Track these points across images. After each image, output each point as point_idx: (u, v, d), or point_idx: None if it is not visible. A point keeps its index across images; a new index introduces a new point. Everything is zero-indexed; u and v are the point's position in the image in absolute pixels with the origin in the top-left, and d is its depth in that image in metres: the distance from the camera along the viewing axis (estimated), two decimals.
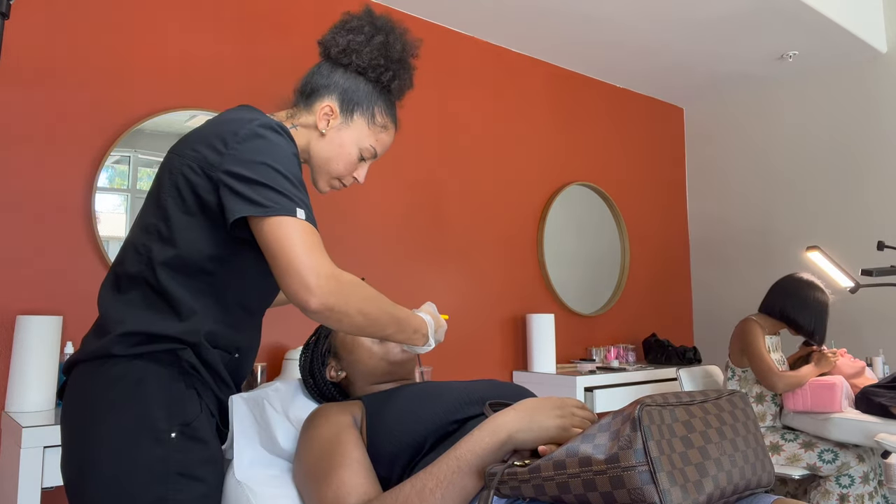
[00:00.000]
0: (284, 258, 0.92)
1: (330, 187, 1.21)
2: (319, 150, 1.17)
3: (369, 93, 1.20)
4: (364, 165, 1.21)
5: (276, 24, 2.37)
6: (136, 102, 2.04)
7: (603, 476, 0.77)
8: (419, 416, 1.08)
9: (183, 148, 1.04)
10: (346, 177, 1.20)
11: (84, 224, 1.92)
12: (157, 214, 1.04)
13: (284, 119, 1.21)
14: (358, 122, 1.18)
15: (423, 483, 0.92)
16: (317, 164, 1.18)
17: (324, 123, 1.16)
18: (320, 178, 1.20)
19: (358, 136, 1.18)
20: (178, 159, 1.03)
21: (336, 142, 1.17)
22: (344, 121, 1.17)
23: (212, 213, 1.00)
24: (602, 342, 3.26)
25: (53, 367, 1.71)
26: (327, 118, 1.17)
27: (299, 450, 1.12)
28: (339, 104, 1.17)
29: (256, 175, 0.96)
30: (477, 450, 0.94)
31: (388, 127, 1.21)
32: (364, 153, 1.19)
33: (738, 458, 0.86)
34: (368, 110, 1.19)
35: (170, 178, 1.03)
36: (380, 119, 1.20)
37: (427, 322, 1.16)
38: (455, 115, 2.86)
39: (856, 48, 3.07)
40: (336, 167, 1.18)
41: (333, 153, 1.17)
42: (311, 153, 1.18)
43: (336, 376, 1.33)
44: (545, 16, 2.77)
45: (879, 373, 2.68)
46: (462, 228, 2.82)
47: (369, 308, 0.99)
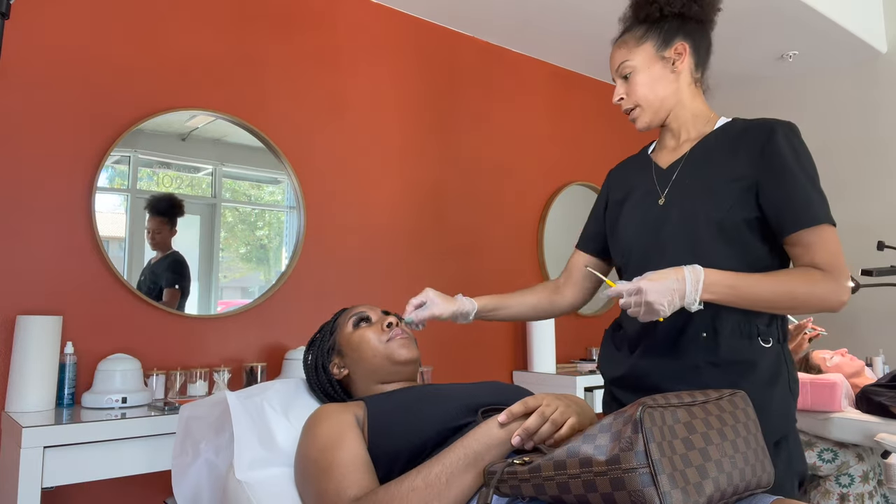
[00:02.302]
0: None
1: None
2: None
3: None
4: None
5: (276, 24, 2.37)
6: (136, 102, 2.04)
7: (603, 477, 0.77)
8: (420, 419, 1.08)
9: None
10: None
11: (84, 224, 1.92)
12: None
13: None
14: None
15: (429, 470, 0.94)
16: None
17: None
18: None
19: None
20: None
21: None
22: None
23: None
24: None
25: (53, 367, 1.71)
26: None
27: (301, 446, 1.12)
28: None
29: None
30: (485, 440, 0.95)
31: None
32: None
33: (739, 459, 0.86)
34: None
35: None
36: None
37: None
38: (455, 114, 2.86)
39: (856, 48, 3.07)
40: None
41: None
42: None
43: (339, 373, 1.34)
44: (545, 15, 2.76)
45: (879, 372, 2.68)
46: (462, 228, 2.82)
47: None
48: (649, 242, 1.27)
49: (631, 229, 1.32)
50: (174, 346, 2.03)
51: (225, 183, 2.22)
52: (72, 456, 1.48)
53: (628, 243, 1.32)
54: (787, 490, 1.18)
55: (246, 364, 2.06)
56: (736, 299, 1.12)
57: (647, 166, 1.37)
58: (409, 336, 1.33)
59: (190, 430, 1.31)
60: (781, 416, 1.19)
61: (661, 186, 1.30)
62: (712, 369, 1.18)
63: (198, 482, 1.25)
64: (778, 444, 1.19)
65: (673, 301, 1.08)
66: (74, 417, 1.58)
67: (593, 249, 1.50)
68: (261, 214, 2.30)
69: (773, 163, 1.18)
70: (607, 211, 1.45)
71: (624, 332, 1.32)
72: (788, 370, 1.22)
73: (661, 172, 1.32)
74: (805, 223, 1.14)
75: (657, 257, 1.23)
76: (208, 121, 2.18)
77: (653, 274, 1.10)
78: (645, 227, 1.29)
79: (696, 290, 1.09)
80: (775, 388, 1.19)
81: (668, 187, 1.28)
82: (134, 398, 1.73)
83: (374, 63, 2.62)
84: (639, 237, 1.30)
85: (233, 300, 2.21)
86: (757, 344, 1.19)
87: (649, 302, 1.07)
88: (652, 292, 1.07)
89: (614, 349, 1.35)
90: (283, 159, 2.30)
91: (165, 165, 2.09)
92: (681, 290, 1.08)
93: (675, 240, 1.22)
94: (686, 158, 1.29)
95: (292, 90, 2.38)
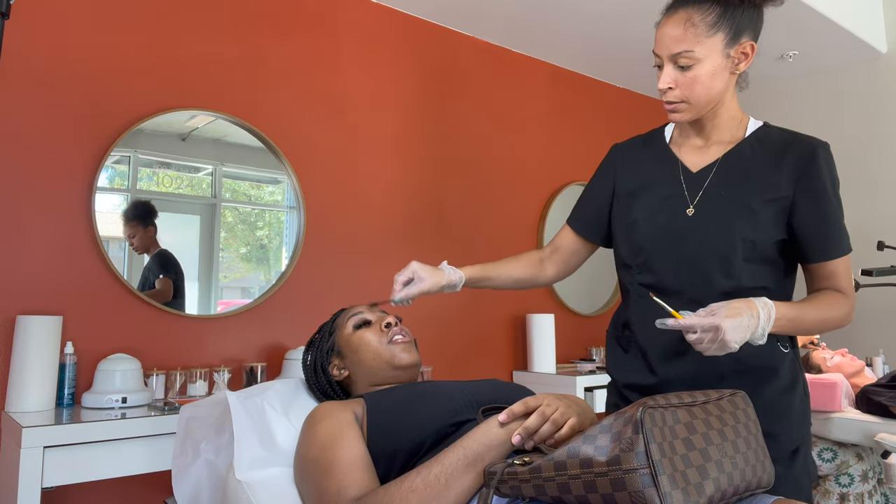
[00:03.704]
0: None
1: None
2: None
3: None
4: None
5: (276, 24, 2.37)
6: (136, 102, 2.04)
7: (604, 478, 0.77)
8: (419, 416, 1.08)
9: None
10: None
11: (84, 224, 1.92)
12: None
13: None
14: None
15: (428, 470, 0.93)
16: None
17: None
18: None
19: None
20: None
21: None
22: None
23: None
24: (602, 342, 3.25)
25: (53, 367, 1.71)
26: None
27: (301, 445, 1.12)
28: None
29: None
30: (485, 441, 0.95)
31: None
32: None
33: (739, 459, 0.86)
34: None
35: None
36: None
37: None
38: (455, 114, 2.86)
39: (856, 48, 3.07)
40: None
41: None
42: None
43: (339, 374, 1.34)
44: (545, 15, 2.76)
45: (879, 372, 2.68)
46: (462, 228, 2.82)
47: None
48: (677, 254, 1.21)
49: (650, 232, 1.24)
50: (174, 346, 2.03)
51: (225, 183, 2.21)
52: (72, 456, 1.48)
53: (646, 248, 1.25)
54: (806, 493, 1.17)
55: (246, 364, 2.06)
56: (789, 329, 1.11)
57: (669, 162, 1.27)
58: (409, 340, 1.33)
59: (190, 430, 1.31)
60: (801, 422, 1.19)
61: (690, 193, 1.22)
62: (736, 377, 1.15)
63: (198, 482, 1.25)
64: (797, 449, 1.17)
65: (745, 337, 1.04)
66: (74, 417, 1.58)
67: (585, 233, 1.42)
68: (261, 214, 2.30)
69: (812, 187, 1.15)
70: (615, 200, 1.35)
71: (632, 335, 1.27)
72: (802, 374, 1.22)
73: (690, 176, 1.24)
74: (834, 254, 1.16)
75: (686, 272, 1.19)
76: (208, 121, 2.18)
77: (726, 310, 1.04)
78: (670, 235, 1.21)
79: (767, 326, 1.06)
80: (794, 393, 1.19)
81: (699, 195, 1.21)
82: (134, 398, 1.73)
83: (374, 63, 2.62)
84: (661, 243, 1.23)
85: (233, 300, 2.21)
86: (777, 349, 1.18)
87: (726, 341, 1.01)
88: (730, 331, 1.01)
89: (622, 351, 1.30)
90: (283, 159, 2.30)
91: (165, 165, 2.09)
92: (753, 326, 1.05)
93: (708, 257, 1.17)
94: (719, 166, 1.21)
95: (292, 90, 2.38)
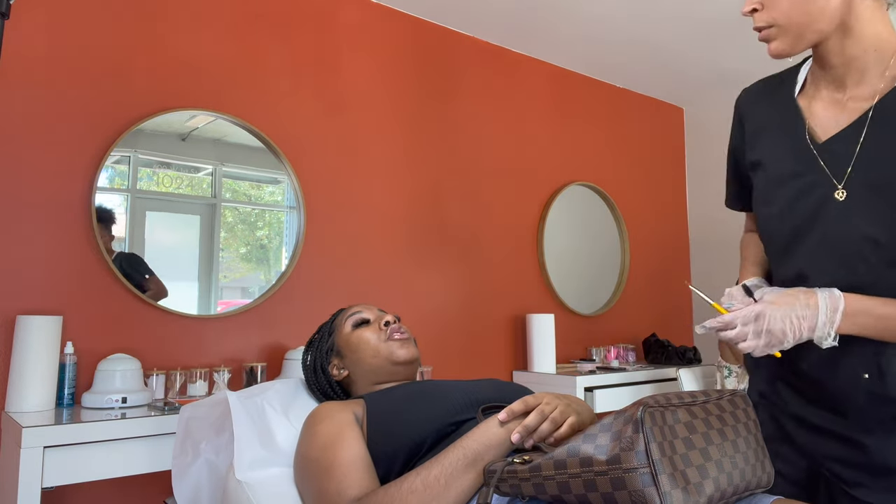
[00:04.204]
0: None
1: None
2: None
3: None
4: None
5: (276, 24, 2.37)
6: (136, 102, 2.04)
7: (604, 477, 0.77)
8: (419, 416, 1.08)
9: None
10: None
11: (84, 224, 1.92)
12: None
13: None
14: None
15: (428, 471, 0.93)
16: None
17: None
18: None
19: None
20: None
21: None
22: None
23: None
24: (602, 342, 3.26)
25: (53, 367, 1.71)
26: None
27: (301, 445, 1.12)
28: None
29: None
30: (484, 440, 0.95)
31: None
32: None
33: (739, 459, 0.85)
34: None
35: None
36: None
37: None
38: (455, 114, 2.85)
39: None
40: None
41: None
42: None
43: (338, 374, 1.34)
44: (545, 15, 2.76)
45: None
46: (462, 228, 2.82)
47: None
48: (825, 256, 0.92)
49: (783, 221, 0.97)
50: (174, 346, 2.03)
51: (225, 183, 2.21)
52: (72, 456, 1.47)
53: (778, 239, 0.99)
54: None
55: (246, 364, 2.06)
56: (885, 332, 0.87)
57: (796, 123, 0.98)
58: (407, 336, 1.33)
59: (190, 430, 1.31)
60: None
61: (832, 169, 0.91)
62: (882, 412, 0.93)
63: (198, 482, 1.25)
64: None
65: (799, 332, 0.86)
66: (74, 417, 1.58)
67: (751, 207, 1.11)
68: (261, 214, 2.30)
69: None
70: (750, 171, 1.08)
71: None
72: None
73: (821, 147, 0.93)
74: None
75: (830, 271, 0.92)
76: (208, 121, 2.18)
77: (775, 295, 0.87)
78: (813, 230, 0.93)
79: (833, 321, 0.85)
80: None
81: (844, 177, 0.90)
82: (134, 398, 1.73)
83: (374, 63, 2.62)
84: (779, 235, 0.97)
85: (233, 300, 2.21)
86: None
87: (771, 331, 0.85)
88: (775, 319, 0.85)
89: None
90: (283, 159, 2.30)
91: (165, 165, 2.09)
92: (811, 320, 0.85)
93: (833, 255, 0.91)
94: (863, 130, 0.88)
95: (292, 90, 2.38)
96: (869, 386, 0.92)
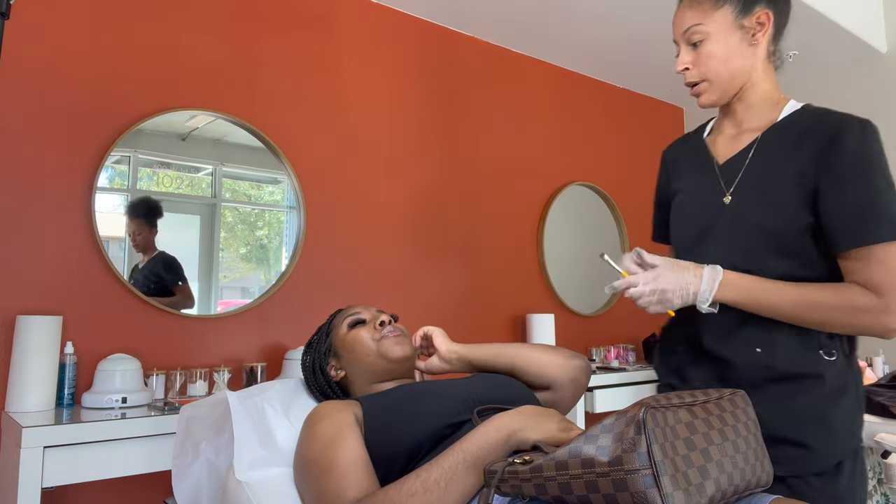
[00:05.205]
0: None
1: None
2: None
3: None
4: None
5: (276, 24, 2.37)
6: (136, 102, 2.03)
7: (605, 478, 0.77)
8: (417, 418, 1.08)
9: None
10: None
11: (84, 224, 1.91)
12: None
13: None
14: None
15: (428, 474, 0.93)
16: None
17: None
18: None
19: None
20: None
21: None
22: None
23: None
24: (602, 342, 3.25)
25: (53, 367, 1.71)
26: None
27: (300, 444, 1.12)
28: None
29: None
30: (482, 444, 0.95)
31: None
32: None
33: (739, 458, 0.86)
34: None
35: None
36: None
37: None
38: (455, 114, 2.85)
39: (856, 48, 3.07)
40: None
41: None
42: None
43: (336, 375, 1.34)
44: (545, 15, 2.76)
45: (879, 372, 2.68)
46: (462, 228, 2.82)
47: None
48: (697, 245, 1.20)
49: (682, 230, 1.26)
50: (174, 346, 2.03)
51: (225, 183, 2.21)
52: (72, 456, 1.47)
53: (686, 238, 1.25)
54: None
55: (246, 364, 2.06)
56: (754, 305, 1.07)
57: (704, 156, 1.26)
58: (402, 333, 1.33)
59: (190, 430, 1.31)
60: (846, 435, 1.11)
61: (725, 183, 1.19)
62: (772, 386, 1.10)
63: (198, 482, 1.25)
64: (841, 463, 1.10)
65: (686, 295, 1.07)
66: (74, 417, 1.58)
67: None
68: (261, 214, 2.30)
69: (836, 165, 1.06)
70: (672, 198, 1.34)
71: (676, 336, 1.29)
72: (856, 385, 1.12)
73: (721, 167, 1.21)
74: (861, 240, 1.03)
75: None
76: (208, 121, 2.18)
77: (671, 262, 1.09)
78: (702, 231, 1.20)
79: (712, 289, 1.06)
80: (839, 403, 1.10)
81: (733, 186, 1.17)
82: (134, 398, 1.73)
83: (374, 63, 2.62)
84: (691, 241, 1.22)
85: (233, 300, 2.20)
86: (819, 357, 1.10)
87: (664, 290, 1.06)
88: (669, 281, 1.06)
89: (669, 352, 1.33)
90: (283, 159, 2.30)
91: (165, 165, 2.09)
92: (696, 286, 1.07)
93: (726, 247, 1.15)
94: (749, 152, 1.17)
95: (292, 90, 2.38)
96: (762, 359, 1.12)
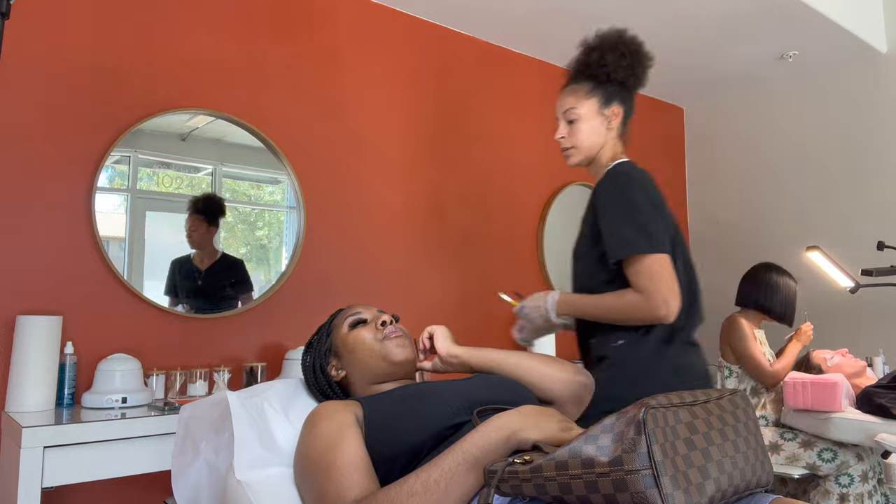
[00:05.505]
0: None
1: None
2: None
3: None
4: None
5: (276, 24, 2.37)
6: (136, 102, 2.03)
7: (606, 479, 0.76)
8: (417, 418, 1.08)
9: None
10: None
11: (84, 224, 1.91)
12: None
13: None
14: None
15: (428, 474, 0.93)
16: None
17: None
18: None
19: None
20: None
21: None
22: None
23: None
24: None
25: (53, 367, 1.71)
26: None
27: (301, 444, 1.12)
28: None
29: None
30: (482, 444, 0.95)
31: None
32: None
33: (739, 458, 0.86)
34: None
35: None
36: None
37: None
38: (455, 114, 2.85)
39: (856, 48, 3.07)
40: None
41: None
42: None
43: (337, 375, 1.34)
44: (545, 15, 2.76)
45: (880, 373, 2.68)
46: (462, 228, 2.82)
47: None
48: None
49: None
50: (174, 346, 2.03)
51: (225, 183, 2.21)
52: (72, 456, 1.47)
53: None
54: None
55: (246, 364, 2.06)
56: (579, 314, 1.51)
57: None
58: (404, 335, 1.33)
59: (190, 430, 1.31)
60: (601, 397, 1.35)
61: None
62: (598, 363, 1.50)
63: (198, 482, 1.25)
64: (608, 412, 1.29)
65: (542, 314, 1.54)
66: (74, 417, 1.58)
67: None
68: (261, 214, 2.30)
69: (596, 205, 1.52)
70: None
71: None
72: (631, 362, 1.46)
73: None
74: (616, 256, 1.42)
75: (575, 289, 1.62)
76: (208, 121, 2.18)
77: (533, 295, 1.57)
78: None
79: (552, 308, 1.52)
80: (605, 372, 1.45)
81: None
82: (134, 398, 1.73)
83: (374, 63, 2.62)
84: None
85: None
86: (608, 343, 1.49)
87: (528, 316, 1.57)
88: (530, 309, 1.57)
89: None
90: (283, 159, 2.30)
91: (165, 165, 2.09)
92: (543, 308, 1.54)
93: (578, 274, 1.61)
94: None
95: (292, 90, 2.38)
96: (594, 346, 1.53)
